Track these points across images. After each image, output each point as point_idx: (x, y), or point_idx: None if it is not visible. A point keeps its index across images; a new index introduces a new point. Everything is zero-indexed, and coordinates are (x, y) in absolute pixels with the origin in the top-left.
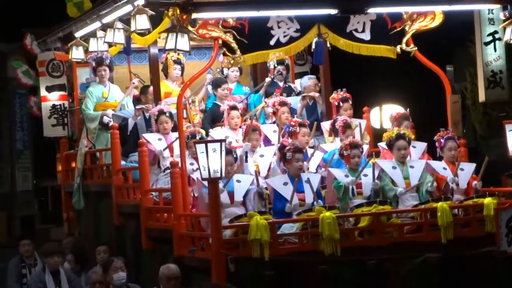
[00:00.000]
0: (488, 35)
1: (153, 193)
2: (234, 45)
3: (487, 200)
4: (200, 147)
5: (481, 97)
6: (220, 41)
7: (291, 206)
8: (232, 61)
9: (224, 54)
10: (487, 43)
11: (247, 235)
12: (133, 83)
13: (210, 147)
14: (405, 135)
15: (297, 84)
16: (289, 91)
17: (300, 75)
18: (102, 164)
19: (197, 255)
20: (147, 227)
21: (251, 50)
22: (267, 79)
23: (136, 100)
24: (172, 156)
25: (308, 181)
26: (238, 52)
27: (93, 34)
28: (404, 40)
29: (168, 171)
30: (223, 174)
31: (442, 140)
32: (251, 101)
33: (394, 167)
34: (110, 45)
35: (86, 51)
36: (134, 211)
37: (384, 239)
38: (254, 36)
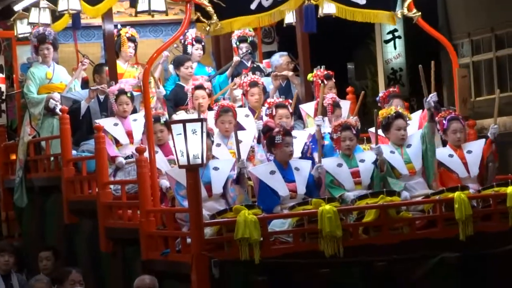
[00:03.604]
0: (388, 33)
1: (112, 186)
2: (210, 9)
3: (510, 189)
4: (177, 128)
5: None
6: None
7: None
8: (208, 28)
9: (198, 20)
10: (387, 41)
11: (233, 233)
12: (83, 63)
13: (189, 127)
14: (404, 114)
15: (265, 64)
16: (258, 71)
17: (268, 54)
18: (48, 154)
19: (171, 258)
20: (106, 226)
21: (229, 15)
22: (235, 59)
23: (85, 83)
24: (132, 143)
25: (298, 168)
26: (215, 17)
27: (35, 5)
28: (405, 4)
29: (130, 160)
30: (205, 161)
31: (444, 122)
32: (216, 83)
33: (392, 152)
34: (61, 15)
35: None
36: (90, 208)
37: (393, 237)
38: None
